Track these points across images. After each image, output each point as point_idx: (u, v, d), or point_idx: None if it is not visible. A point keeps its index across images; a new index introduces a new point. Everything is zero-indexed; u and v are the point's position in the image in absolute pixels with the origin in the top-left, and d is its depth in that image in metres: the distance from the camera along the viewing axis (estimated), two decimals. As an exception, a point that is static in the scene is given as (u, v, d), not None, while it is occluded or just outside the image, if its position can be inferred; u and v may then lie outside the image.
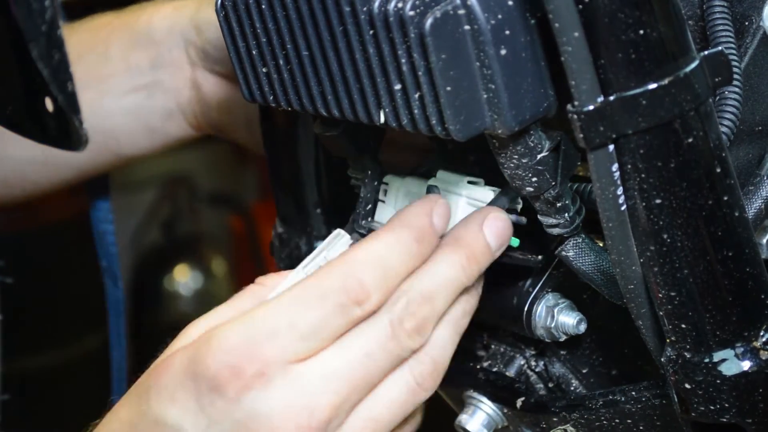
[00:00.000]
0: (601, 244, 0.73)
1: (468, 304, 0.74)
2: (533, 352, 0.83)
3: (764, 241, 0.72)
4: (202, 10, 1.05)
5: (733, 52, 0.70)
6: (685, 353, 0.66)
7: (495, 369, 0.83)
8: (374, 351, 0.69)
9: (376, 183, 0.82)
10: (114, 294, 1.28)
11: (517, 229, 0.74)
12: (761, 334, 0.65)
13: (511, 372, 0.83)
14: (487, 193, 0.76)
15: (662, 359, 0.67)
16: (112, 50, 1.11)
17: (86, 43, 1.12)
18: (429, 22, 0.62)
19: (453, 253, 0.71)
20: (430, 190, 0.77)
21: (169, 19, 1.08)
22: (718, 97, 0.70)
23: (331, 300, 0.68)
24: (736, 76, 0.69)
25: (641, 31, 0.60)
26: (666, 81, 0.60)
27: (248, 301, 0.74)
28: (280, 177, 0.94)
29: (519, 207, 0.76)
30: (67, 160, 1.13)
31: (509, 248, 0.74)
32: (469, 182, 0.77)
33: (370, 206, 0.82)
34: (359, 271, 0.69)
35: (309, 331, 0.68)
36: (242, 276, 2.77)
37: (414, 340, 0.70)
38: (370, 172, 0.82)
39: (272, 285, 0.74)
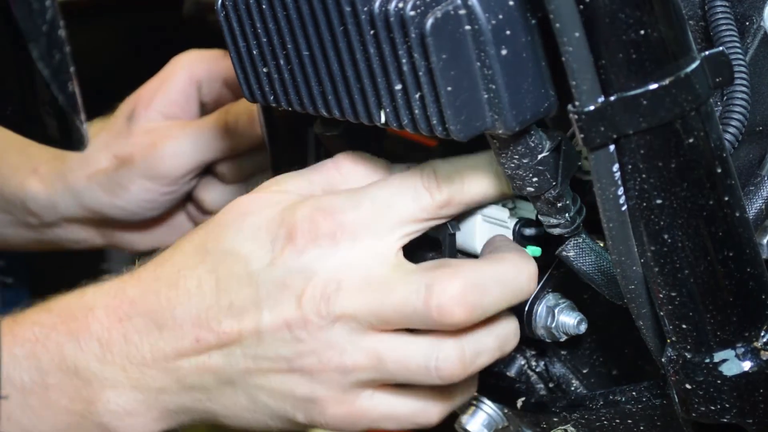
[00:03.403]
0: (601, 244, 0.73)
1: (510, 336, 0.75)
2: (534, 352, 0.83)
3: (765, 241, 0.72)
4: (91, 185, 1.04)
5: (738, 51, 0.69)
6: (686, 353, 0.66)
7: (495, 369, 0.83)
8: (397, 294, 0.71)
9: None
10: None
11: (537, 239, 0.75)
12: (762, 334, 0.65)
13: (511, 372, 0.83)
14: (502, 211, 0.76)
15: (663, 359, 0.67)
16: None
17: None
18: (430, 22, 0.62)
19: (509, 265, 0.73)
20: (446, 223, 0.77)
21: (46, 196, 1.07)
22: (725, 97, 0.70)
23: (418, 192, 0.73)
24: (743, 76, 0.69)
25: (642, 32, 0.60)
26: (667, 81, 0.60)
27: None
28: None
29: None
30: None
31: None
32: None
33: None
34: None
35: (395, 220, 0.72)
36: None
37: (440, 317, 0.71)
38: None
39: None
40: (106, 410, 0.78)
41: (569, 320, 0.77)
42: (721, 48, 0.64)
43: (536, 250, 0.75)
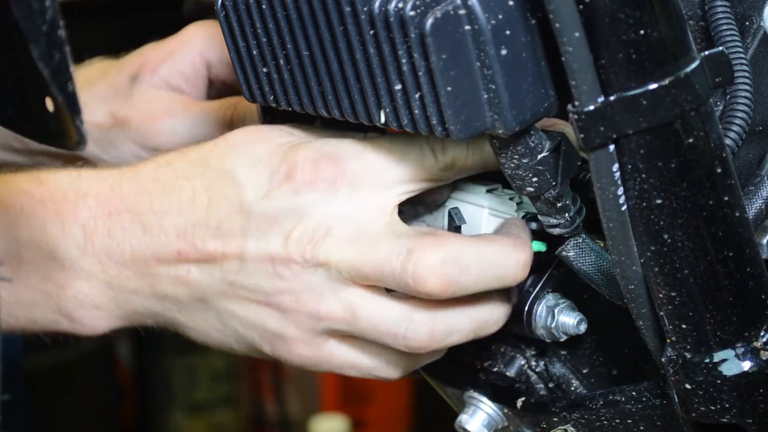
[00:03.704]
0: (601, 244, 0.73)
1: (488, 323, 0.75)
2: (534, 352, 0.83)
3: (764, 241, 0.72)
4: None
5: (740, 51, 0.69)
6: (686, 353, 0.66)
7: (495, 369, 0.83)
8: (380, 252, 0.72)
9: None
10: None
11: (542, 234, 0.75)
12: (761, 334, 0.65)
13: (511, 372, 0.83)
14: (509, 204, 0.76)
15: (663, 359, 0.67)
16: None
17: None
18: (429, 22, 0.62)
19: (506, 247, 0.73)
20: (451, 215, 0.77)
21: None
22: (729, 96, 0.70)
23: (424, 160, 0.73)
24: (746, 75, 0.69)
25: (642, 31, 0.60)
26: (667, 81, 0.60)
27: None
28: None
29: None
30: None
31: (536, 254, 0.75)
32: (488, 190, 0.77)
33: None
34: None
35: (396, 176, 0.73)
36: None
37: (415, 284, 0.71)
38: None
39: None
40: (75, 298, 0.78)
41: (569, 320, 0.77)
42: (720, 48, 0.64)
43: (541, 245, 0.75)
